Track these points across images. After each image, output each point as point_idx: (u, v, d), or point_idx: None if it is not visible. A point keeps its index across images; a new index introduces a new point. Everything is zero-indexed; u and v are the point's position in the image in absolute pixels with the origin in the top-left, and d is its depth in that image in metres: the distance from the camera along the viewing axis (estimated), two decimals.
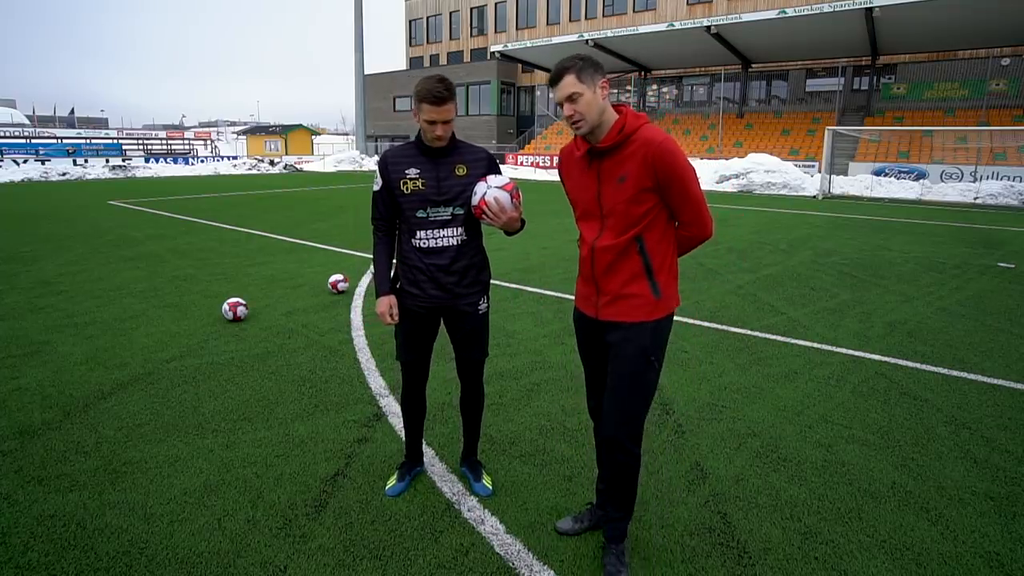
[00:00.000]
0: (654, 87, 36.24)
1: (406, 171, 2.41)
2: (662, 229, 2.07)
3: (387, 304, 2.49)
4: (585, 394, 2.46)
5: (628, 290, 2.07)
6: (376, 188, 2.50)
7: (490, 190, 2.34)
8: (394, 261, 2.57)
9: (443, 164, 2.42)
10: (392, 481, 2.75)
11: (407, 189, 2.41)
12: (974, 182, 20.21)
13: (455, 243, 2.46)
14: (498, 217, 2.33)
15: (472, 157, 2.47)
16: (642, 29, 28.53)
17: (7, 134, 33.51)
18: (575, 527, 2.44)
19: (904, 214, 14.87)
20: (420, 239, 2.44)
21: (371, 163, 35.46)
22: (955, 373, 4.23)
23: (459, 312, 2.54)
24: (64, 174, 25.81)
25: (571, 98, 1.98)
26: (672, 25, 27.23)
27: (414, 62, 47.38)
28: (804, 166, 24.62)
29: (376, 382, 3.96)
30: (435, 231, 2.43)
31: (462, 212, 2.44)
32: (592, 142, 2.06)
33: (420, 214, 2.42)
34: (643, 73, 34.84)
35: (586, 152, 2.09)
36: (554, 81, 2.00)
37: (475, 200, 2.37)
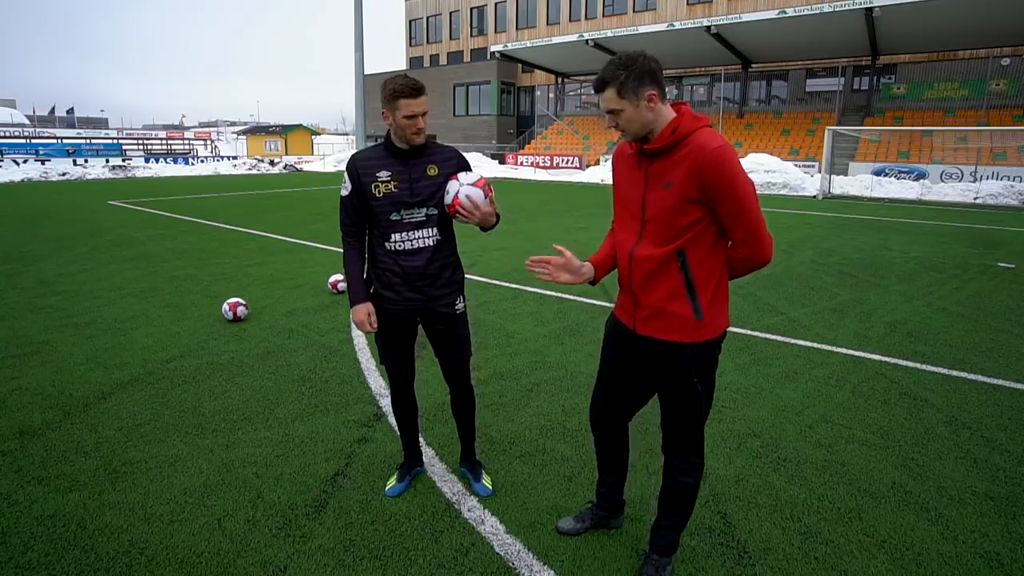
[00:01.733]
0: None
1: (377, 174, 2.38)
2: (709, 246, 1.90)
3: (364, 312, 2.45)
4: (588, 396, 2.42)
5: (667, 307, 1.94)
6: (344, 193, 2.45)
7: (463, 187, 2.34)
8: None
9: (415, 165, 2.41)
10: (392, 481, 2.75)
11: (379, 192, 2.38)
12: (974, 182, 20.22)
13: (431, 243, 2.44)
14: (473, 214, 2.32)
15: (442, 157, 2.46)
16: (642, 29, 28.53)
17: (7, 134, 33.53)
18: (576, 527, 2.44)
19: (904, 214, 14.87)
20: (395, 242, 2.41)
21: None
22: (955, 373, 4.23)
23: (437, 314, 2.52)
24: (64, 174, 25.82)
25: (612, 112, 1.87)
26: (672, 25, 27.22)
27: (414, 62, 47.35)
28: (804, 166, 24.62)
29: (376, 382, 3.96)
30: (410, 233, 2.41)
31: (436, 212, 2.43)
32: (643, 142, 1.92)
33: (394, 216, 2.39)
34: None
35: (636, 151, 1.95)
36: (597, 89, 1.88)
37: (448, 199, 2.36)
